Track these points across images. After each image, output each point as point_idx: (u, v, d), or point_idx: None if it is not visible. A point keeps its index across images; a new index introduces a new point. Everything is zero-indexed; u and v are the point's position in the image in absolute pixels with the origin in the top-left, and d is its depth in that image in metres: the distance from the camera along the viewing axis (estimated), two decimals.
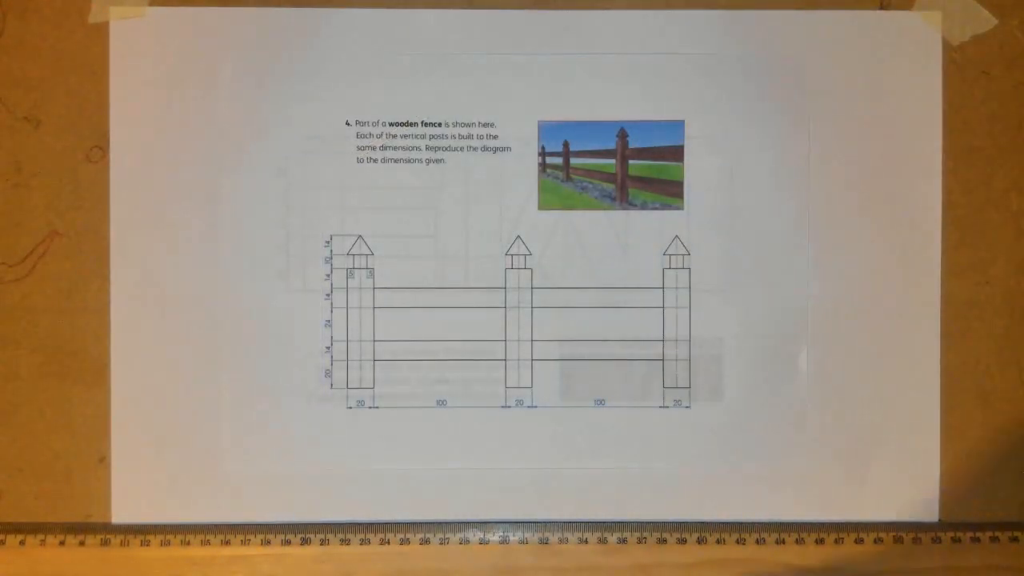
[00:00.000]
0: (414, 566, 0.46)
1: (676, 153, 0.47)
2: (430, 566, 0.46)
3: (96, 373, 0.46)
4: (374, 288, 0.46)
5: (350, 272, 0.46)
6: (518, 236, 0.46)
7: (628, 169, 0.47)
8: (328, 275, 0.46)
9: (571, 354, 0.46)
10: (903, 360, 0.46)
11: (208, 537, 0.45)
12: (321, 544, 0.45)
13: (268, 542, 0.45)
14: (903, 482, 0.46)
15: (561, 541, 0.46)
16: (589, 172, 0.47)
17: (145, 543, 0.45)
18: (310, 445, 0.46)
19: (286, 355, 0.46)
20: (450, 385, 0.46)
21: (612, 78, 0.46)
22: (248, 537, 0.45)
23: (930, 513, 0.46)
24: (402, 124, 0.46)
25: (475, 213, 0.46)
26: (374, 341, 0.46)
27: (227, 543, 0.45)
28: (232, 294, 0.46)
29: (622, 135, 0.46)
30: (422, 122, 0.46)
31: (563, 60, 0.46)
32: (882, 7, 0.46)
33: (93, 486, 0.46)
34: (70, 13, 0.46)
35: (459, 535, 0.46)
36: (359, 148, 0.46)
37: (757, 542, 0.46)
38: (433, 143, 0.46)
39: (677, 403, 0.46)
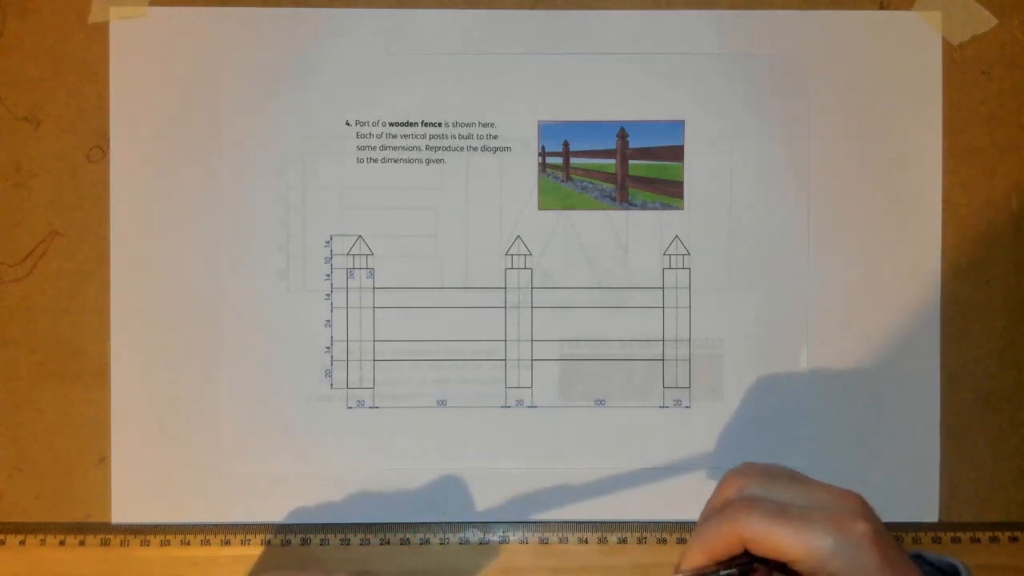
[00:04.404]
0: (415, 566, 0.46)
1: (676, 153, 0.47)
2: (430, 566, 0.46)
3: (96, 373, 0.46)
4: (374, 288, 0.46)
5: (350, 272, 0.46)
6: (518, 236, 0.46)
7: (628, 169, 0.47)
8: (328, 275, 0.46)
9: (571, 354, 0.46)
10: (903, 360, 0.46)
11: (208, 537, 0.45)
12: (321, 544, 0.45)
13: (268, 542, 0.45)
14: (903, 482, 0.46)
15: (561, 541, 0.46)
16: (589, 172, 0.47)
17: (145, 543, 0.45)
18: (310, 445, 0.46)
19: (286, 355, 0.46)
20: (450, 385, 0.46)
21: (612, 78, 0.46)
22: (248, 537, 0.45)
23: (930, 513, 0.46)
24: (402, 124, 0.46)
25: (475, 213, 0.46)
26: (374, 341, 0.46)
27: (227, 543, 0.45)
28: (232, 294, 0.46)
29: (622, 135, 0.46)
30: (422, 122, 0.46)
31: (563, 60, 0.46)
32: (882, 7, 0.46)
33: (93, 486, 0.46)
34: (70, 13, 0.46)
35: (459, 535, 0.46)
36: (359, 148, 0.46)
37: None
38: (433, 143, 0.46)
39: (677, 403, 0.46)
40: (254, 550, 0.45)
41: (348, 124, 0.46)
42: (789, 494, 0.32)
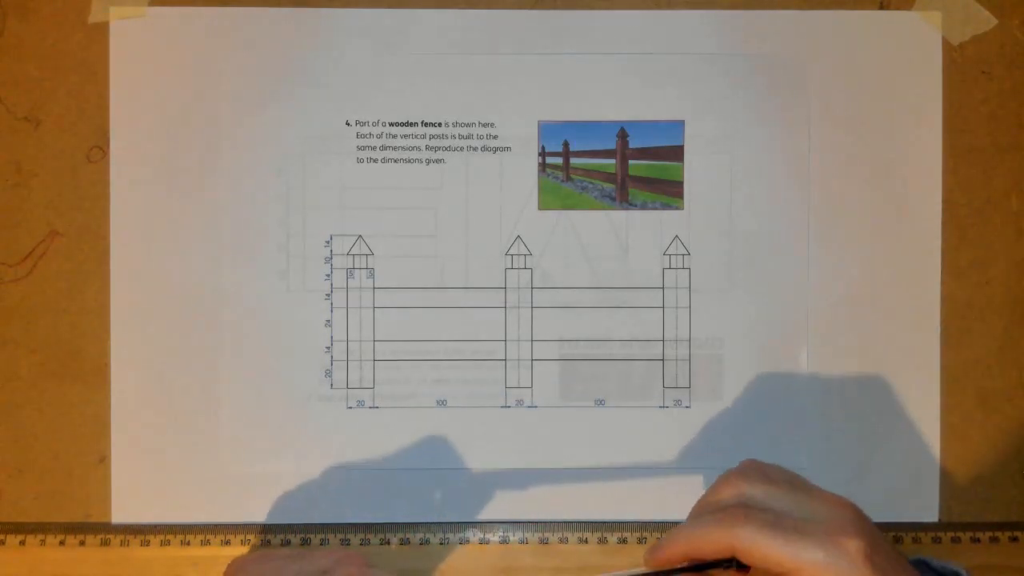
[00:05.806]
0: (414, 566, 0.46)
1: (676, 153, 0.47)
2: (430, 566, 0.46)
3: (96, 373, 0.46)
4: (374, 288, 0.46)
5: (350, 272, 0.46)
6: (518, 236, 0.46)
7: (628, 169, 0.47)
8: (328, 275, 0.46)
9: (571, 354, 0.46)
10: (903, 360, 0.46)
11: (208, 537, 0.45)
12: (321, 544, 0.45)
13: (268, 542, 0.45)
14: (903, 482, 0.46)
15: (561, 541, 0.46)
16: (589, 172, 0.47)
17: (145, 543, 0.45)
18: (310, 445, 0.46)
19: (286, 355, 0.46)
20: (450, 385, 0.46)
21: (612, 78, 0.46)
22: (248, 537, 0.45)
23: (930, 513, 0.46)
24: (402, 124, 0.46)
25: (475, 213, 0.46)
26: (374, 341, 0.46)
27: (227, 543, 0.45)
28: (232, 294, 0.46)
29: (622, 135, 0.46)
30: (422, 122, 0.46)
31: (563, 60, 0.46)
32: (882, 7, 0.46)
33: (93, 486, 0.46)
34: (70, 13, 0.46)
35: (459, 535, 0.46)
36: (359, 148, 0.46)
37: None
38: (433, 143, 0.46)
39: (677, 403, 0.46)
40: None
41: (348, 124, 0.46)
42: (786, 502, 0.32)
